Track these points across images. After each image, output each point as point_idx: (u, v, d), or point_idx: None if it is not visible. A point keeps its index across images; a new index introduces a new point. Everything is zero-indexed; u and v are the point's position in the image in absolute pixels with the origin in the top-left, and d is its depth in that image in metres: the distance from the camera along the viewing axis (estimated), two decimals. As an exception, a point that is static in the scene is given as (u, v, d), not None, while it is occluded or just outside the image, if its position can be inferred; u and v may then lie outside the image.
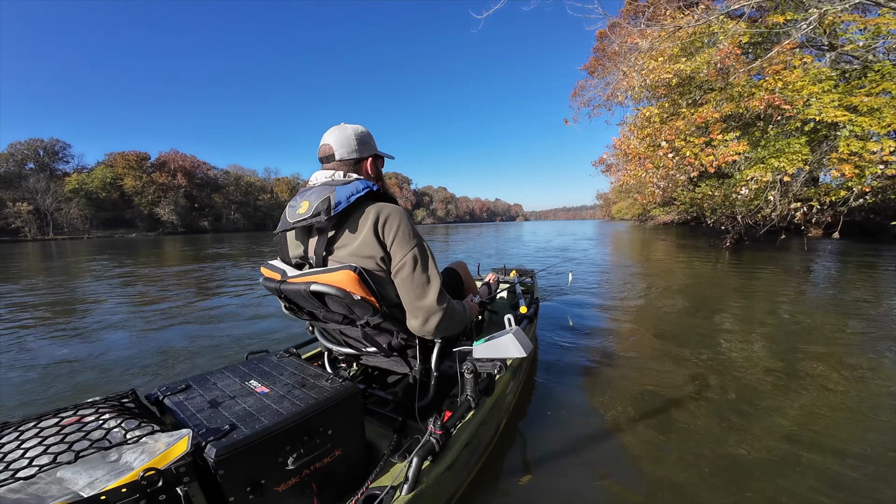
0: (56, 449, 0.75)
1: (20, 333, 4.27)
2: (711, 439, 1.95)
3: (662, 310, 4.60)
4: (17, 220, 60.31)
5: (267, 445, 0.93)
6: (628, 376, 2.73)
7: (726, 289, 5.85)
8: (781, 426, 2.06)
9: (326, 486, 1.07)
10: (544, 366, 2.93)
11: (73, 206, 66.46)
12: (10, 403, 2.58)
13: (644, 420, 2.18)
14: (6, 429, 0.84)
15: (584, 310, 4.66)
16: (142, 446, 0.82)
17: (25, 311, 5.50)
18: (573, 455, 1.89)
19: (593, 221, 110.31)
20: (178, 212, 76.27)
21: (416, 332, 1.30)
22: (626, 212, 53.70)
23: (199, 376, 1.21)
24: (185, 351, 3.54)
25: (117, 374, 3.04)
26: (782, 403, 2.29)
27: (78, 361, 3.34)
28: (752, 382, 2.58)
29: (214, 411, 1.00)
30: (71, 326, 4.57)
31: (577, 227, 50.67)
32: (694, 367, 2.84)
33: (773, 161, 6.97)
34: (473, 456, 1.51)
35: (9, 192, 61.61)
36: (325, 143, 1.34)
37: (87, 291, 7.21)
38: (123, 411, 0.94)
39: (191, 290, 7.02)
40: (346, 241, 1.23)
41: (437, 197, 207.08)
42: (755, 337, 3.55)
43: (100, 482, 0.73)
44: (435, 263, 1.28)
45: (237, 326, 4.31)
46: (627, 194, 39.48)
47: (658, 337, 3.56)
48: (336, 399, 1.08)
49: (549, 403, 2.37)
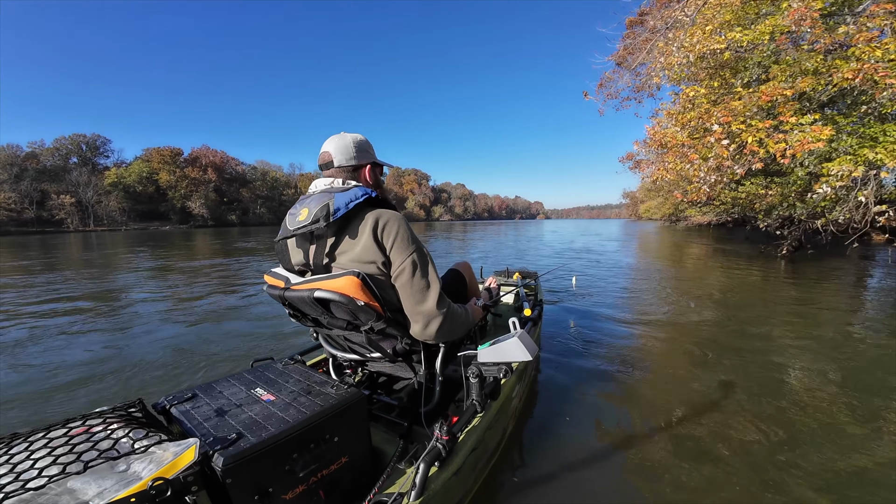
0: (65, 459, 0.77)
1: (69, 322, 4.52)
2: (739, 470, 1.79)
3: (694, 320, 4.26)
4: (61, 212, 63.84)
5: (274, 453, 0.93)
6: (640, 382, 2.67)
7: (783, 303, 5.02)
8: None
9: (334, 494, 1.07)
10: (549, 369, 2.90)
11: (111, 199, 69.87)
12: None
13: (654, 425, 2.13)
14: (16, 439, 0.86)
15: (599, 313, 4.54)
16: (150, 456, 0.83)
17: (73, 301, 5.81)
18: (580, 459, 1.87)
19: (618, 221, 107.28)
20: (207, 205, 78.91)
21: (417, 336, 1.30)
22: (654, 211, 51.14)
23: (205, 385, 1.23)
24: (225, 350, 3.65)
25: (153, 370, 3.17)
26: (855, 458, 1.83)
27: (111, 356, 3.50)
28: (800, 419, 2.18)
29: (221, 420, 1.01)
30: (111, 318, 4.80)
31: (601, 226, 49.18)
32: (721, 376, 2.72)
33: (865, 152, 5.46)
34: (480, 461, 1.49)
35: (54, 185, 65.31)
36: (325, 151, 1.37)
37: (126, 283, 7.56)
38: (131, 421, 0.96)
39: (220, 285, 7.25)
40: (346, 248, 1.24)
41: (455, 194, 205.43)
42: (816, 359, 3.04)
43: (109, 492, 0.74)
44: (434, 268, 1.29)
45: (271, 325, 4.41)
46: (658, 193, 37.47)
47: (684, 346, 3.43)
48: (342, 406, 1.08)
49: (556, 407, 2.36)
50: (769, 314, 4.48)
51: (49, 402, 2.57)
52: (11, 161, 62.63)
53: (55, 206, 63.67)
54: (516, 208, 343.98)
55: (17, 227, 57.21)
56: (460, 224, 75.45)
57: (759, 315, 4.42)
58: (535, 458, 1.88)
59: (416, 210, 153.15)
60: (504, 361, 1.37)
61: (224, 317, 4.70)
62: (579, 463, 1.84)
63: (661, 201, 42.56)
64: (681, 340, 3.55)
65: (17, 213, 59.67)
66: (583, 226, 53.67)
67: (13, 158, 63.29)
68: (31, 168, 64.50)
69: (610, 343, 3.49)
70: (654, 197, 46.24)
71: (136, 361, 3.26)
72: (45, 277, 8.22)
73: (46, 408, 2.50)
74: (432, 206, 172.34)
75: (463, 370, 1.46)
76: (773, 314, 4.48)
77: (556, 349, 3.31)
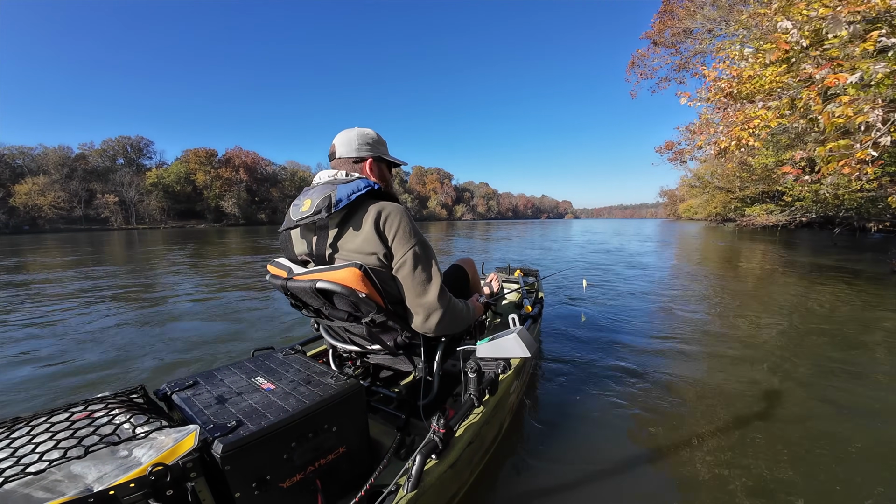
0: (66, 444, 0.79)
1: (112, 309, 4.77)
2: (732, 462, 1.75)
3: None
4: (106, 210, 67.73)
5: (273, 442, 0.94)
6: (642, 385, 2.60)
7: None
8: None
9: (330, 483, 1.08)
10: (549, 366, 2.89)
11: (152, 198, 73.54)
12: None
13: (653, 424, 2.14)
14: (18, 423, 0.89)
15: (607, 317, 4.40)
16: (150, 441, 0.84)
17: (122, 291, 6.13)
18: (576, 455, 1.88)
19: (655, 221, 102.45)
20: (239, 205, 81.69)
21: (418, 329, 1.31)
22: (698, 210, 46.36)
23: (206, 372, 1.25)
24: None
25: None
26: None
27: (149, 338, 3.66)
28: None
29: (221, 407, 1.02)
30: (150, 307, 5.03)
31: (637, 226, 46.55)
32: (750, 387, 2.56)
33: None
34: (476, 455, 1.50)
35: (100, 184, 69.40)
36: (333, 143, 1.41)
37: (155, 279, 7.92)
38: (132, 407, 0.98)
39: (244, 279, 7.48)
40: (348, 239, 1.25)
41: (478, 192, 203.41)
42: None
43: (108, 477, 0.76)
44: (436, 262, 1.30)
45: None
46: (703, 189, 33.60)
47: (703, 354, 3.26)
48: (341, 396, 1.09)
49: (553, 404, 2.38)
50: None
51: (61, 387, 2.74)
52: (63, 161, 66.94)
53: (100, 204, 67.56)
54: (542, 207, 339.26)
55: (66, 225, 61.21)
56: (483, 224, 74.91)
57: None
58: (531, 454, 1.90)
59: (438, 209, 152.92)
60: (503, 357, 1.39)
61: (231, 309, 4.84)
62: (575, 459, 1.86)
63: (706, 198, 37.74)
64: (698, 348, 3.37)
65: (66, 211, 63.69)
66: (616, 226, 51.70)
67: (64, 159, 67.63)
68: (80, 168, 68.73)
69: (616, 345, 3.39)
70: (698, 194, 40.63)
71: (144, 348, 3.42)
72: (84, 271, 8.72)
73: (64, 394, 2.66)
74: (454, 205, 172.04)
75: (462, 365, 1.47)
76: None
77: (556, 347, 3.29)
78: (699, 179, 34.07)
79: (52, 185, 62.96)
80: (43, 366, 3.09)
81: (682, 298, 5.31)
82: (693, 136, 9.06)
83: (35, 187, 60.19)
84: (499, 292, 2.26)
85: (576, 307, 4.75)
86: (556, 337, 3.56)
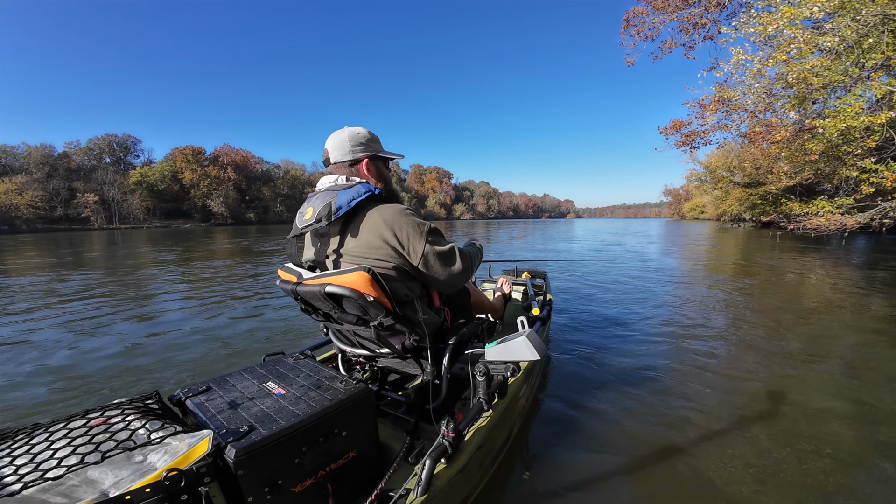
0: (84, 449, 0.80)
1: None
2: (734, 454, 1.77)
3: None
4: (87, 210, 66.05)
5: (284, 446, 0.95)
6: (656, 390, 2.58)
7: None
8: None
9: (341, 487, 1.09)
10: (558, 368, 2.87)
11: (135, 197, 71.94)
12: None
13: (668, 427, 2.11)
14: (37, 430, 0.89)
15: (623, 317, 4.40)
16: (165, 447, 0.85)
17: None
18: (587, 459, 1.86)
19: (659, 220, 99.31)
20: (227, 204, 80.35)
21: (445, 286, 1.39)
22: (706, 209, 43.15)
23: (218, 378, 1.26)
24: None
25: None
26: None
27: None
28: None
29: (234, 412, 1.03)
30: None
31: (640, 226, 44.60)
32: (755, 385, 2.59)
33: None
34: (486, 459, 1.50)
35: (84, 183, 67.66)
36: (325, 148, 1.41)
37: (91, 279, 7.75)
38: (147, 412, 0.99)
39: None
40: (351, 244, 1.28)
41: (478, 192, 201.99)
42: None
43: (125, 482, 0.76)
44: (443, 234, 1.36)
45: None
46: (715, 184, 31.79)
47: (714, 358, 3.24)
48: (350, 401, 1.10)
49: (563, 407, 2.35)
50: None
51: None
52: (44, 160, 65.16)
53: (80, 203, 65.86)
54: (544, 206, 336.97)
55: (44, 225, 59.44)
56: (483, 223, 73.42)
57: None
58: (542, 458, 1.88)
59: (437, 208, 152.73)
60: (512, 360, 1.38)
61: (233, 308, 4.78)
62: (587, 463, 1.83)
63: (718, 195, 34.47)
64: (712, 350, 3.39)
65: (46, 210, 61.95)
66: (619, 225, 50.16)
67: (46, 158, 65.88)
68: (61, 167, 66.96)
69: (630, 349, 3.35)
70: (708, 190, 37.58)
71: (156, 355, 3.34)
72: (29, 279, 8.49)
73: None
74: (454, 204, 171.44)
75: (470, 368, 1.47)
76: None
77: (567, 349, 3.25)
78: (711, 173, 32.18)
79: (31, 185, 61.25)
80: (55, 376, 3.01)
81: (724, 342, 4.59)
82: (711, 107, 8.06)
83: (12, 186, 58.51)
84: (510, 291, 2.25)
85: (586, 308, 4.75)
86: (566, 339, 3.52)
